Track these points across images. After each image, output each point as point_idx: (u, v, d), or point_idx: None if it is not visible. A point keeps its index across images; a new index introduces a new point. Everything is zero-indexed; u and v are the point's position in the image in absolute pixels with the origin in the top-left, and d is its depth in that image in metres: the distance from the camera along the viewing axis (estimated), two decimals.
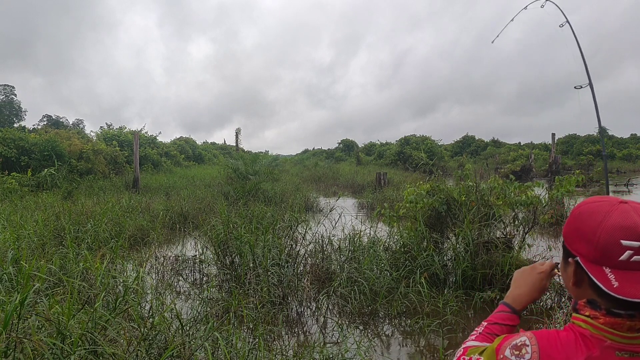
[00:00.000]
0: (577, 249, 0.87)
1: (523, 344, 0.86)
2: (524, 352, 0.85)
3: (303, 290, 4.61)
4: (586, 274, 0.85)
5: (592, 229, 0.83)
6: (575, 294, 0.92)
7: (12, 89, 44.39)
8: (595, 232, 0.82)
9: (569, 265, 0.91)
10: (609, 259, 0.80)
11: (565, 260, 0.93)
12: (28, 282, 2.81)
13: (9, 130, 16.88)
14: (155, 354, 2.83)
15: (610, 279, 0.80)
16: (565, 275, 0.94)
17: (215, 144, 48.93)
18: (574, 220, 0.90)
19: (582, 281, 0.88)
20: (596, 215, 0.84)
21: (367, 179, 18.40)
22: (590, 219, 0.85)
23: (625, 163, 32.53)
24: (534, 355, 0.83)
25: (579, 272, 0.88)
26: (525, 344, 0.86)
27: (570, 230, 0.90)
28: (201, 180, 17.12)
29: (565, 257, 0.93)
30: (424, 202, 5.73)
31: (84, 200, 9.86)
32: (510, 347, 0.88)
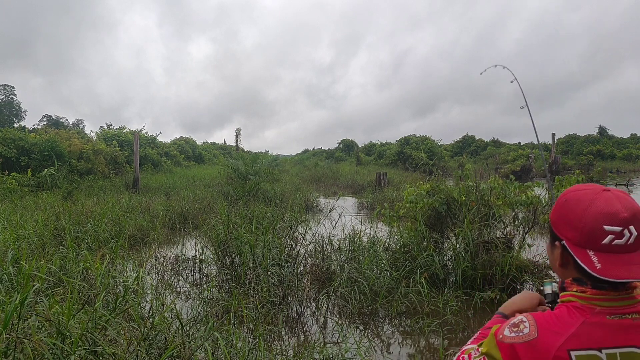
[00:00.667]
0: (563, 233, 0.94)
1: (520, 322, 0.92)
2: (522, 327, 0.90)
3: (303, 290, 4.61)
4: (571, 257, 0.92)
5: (577, 216, 0.90)
6: (561, 273, 1.00)
7: (12, 89, 44.42)
8: (581, 218, 0.89)
9: (556, 249, 0.98)
10: (593, 242, 0.88)
11: (552, 244, 1.01)
12: (28, 282, 2.81)
13: (9, 130, 16.88)
14: (155, 354, 2.83)
15: (593, 261, 0.87)
16: (552, 257, 1.03)
17: (215, 144, 48.94)
18: (560, 207, 0.96)
19: (568, 263, 0.96)
20: (581, 203, 0.91)
21: (367, 179, 18.40)
22: (576, 206, 0.92)
23: (625, 163, 32.51)
24: (532, 328, 0.89)
25: (565, 254, 0.95)
26: (522, 320, 0.92)
27: (557, 216, 0.97)
28: (201, 180, 17.12)
29: (552, 240, 1.01)
30: (424, 202, 5.72)
31: (84, 200, 9.86)
32: (509, 326, 0.93)
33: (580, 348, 0.85)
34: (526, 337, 0.88)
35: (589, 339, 0.86)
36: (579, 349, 0.85)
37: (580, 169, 12.60)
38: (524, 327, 0.90)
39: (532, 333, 0.88)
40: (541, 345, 0.86)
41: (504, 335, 0.92)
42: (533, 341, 0.87)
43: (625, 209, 0.87)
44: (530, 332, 0.88)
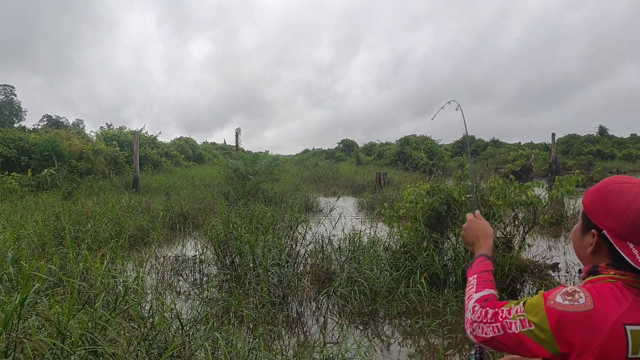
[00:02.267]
0: (603, 223, 0.96)
1: (574, 291, 0.91)
2: (578, 297, 0.90)
3: (303, 290, 4.61)
4: (606, 245, 0.96)
5: (622, 208, 0.92)
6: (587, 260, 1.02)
7: (12, 89, 44.45)
8: (626, 211, 0.92)
9: (588, 236, 1.00)
10: (634, 236, 0.91)
11: (584, 230, 1.03)
12: (28, 282, 2.81)
13: (9, 130, 16.89)
14: (155, 354, 2.83)
15: (634, 254, 0.90)
16: (581, 243, 1.04)
17: (215, 144, 48.94)
18: (603, 196, 0.97)
19: (601, 251, 0.98)
20: (627, 196, 0.93)
21: (367, 179, 18.39)
22: (621, 199, 0.93)
23: (626, 163, 32.52)
24: (587, 300, 0.88)
25: (600, 243, 0.97)
26: (577, 290, 0.91)
27: (597, 205, 0.98)
28: (201, 180, 17.12)
29: (585, 227, 1.02)
30: (424, 202, 5.72)
31: (84, 200, 9.86)
32: (562, 294, 0.92)
33: (635, 323, 0.86)
34: (582, 307, 0.88)
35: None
36: (635, 324, 0.86)
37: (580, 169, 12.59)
38: (579, 297, 0.89)
39: (589, 304, 0.88)
40: (598, 316, 0.86)
41: (555, 302, 0.91)
42: (589, 312, 0.87)
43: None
44: (586, 303, 0.88)
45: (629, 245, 0.91)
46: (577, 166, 25.10)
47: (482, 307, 1.08)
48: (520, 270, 4.67)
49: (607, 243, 0.95)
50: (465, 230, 1.39)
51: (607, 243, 0.95)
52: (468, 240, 1.40)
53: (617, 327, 0.86)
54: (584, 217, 1.03)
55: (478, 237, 1.35)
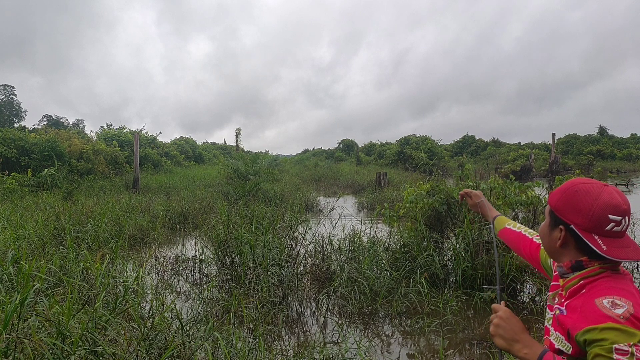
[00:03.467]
0: (571, 219, 1.08)
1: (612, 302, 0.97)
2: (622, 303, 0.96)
3: (303, 290, 4.61)
4: (574, 239, 1.09)
5: (588, 205, 1.05)
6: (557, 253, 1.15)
7: (12, 89, 44.44)
8: (591, 207, 1.04)
9: (556, 231, 1.13)
10: (599, 228, 1.03)
11: (552, 226, 1.15)
12: (28, 282, 2.81)
13: (9, 130, 16.89)
14: (156, 354, 2.83)
15: (600, 244, 1.03)
16: (550, 239, 1.16)
17: (215, 144, 48.98)
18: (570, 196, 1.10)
19: (569, 244, 1.11)
20: (591, 194, 1.06)
21: (367, 179, 18.40)
22: (586, 197, 1.06)
23: (626, 163, 32.50)
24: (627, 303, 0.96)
25: (567, 237, 1.10)
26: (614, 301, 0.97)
27: (565, 204, 1.10)
28: (201, 180, 17.12)
29: (553, 224, 1.15)
30: (424, 202, 5.72)
31: (84, 201, 9.86)
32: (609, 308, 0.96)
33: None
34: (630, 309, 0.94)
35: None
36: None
37: (580, 169, 12.60)
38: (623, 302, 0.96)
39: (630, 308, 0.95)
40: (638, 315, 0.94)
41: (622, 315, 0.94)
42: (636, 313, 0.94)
43: (624, 202, 1.05)
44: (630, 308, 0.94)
45: (594, 237, 1.03)
46: (577, 166, 25.10)
47: None
48: (520, 270, 4.67)
49: (574, 237, 1.08)
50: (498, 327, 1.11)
51: (574, 237, 1.08)
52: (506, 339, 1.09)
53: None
54: (552, 214, 1.15)
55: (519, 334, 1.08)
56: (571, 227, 1.08)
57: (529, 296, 4.73)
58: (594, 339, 0.93)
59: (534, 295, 4.68)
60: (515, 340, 1.07)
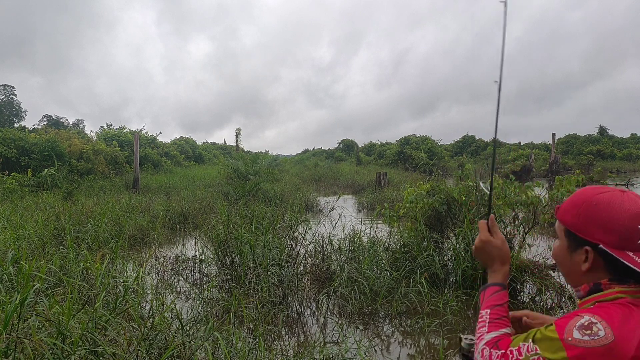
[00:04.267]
0: (598, 238, 0.91)
1: (591, 323, 0.84)
2: (597, 330, 0.83)
3: (303, 290, 4.61)
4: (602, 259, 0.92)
5: (613, 218, 0.89)
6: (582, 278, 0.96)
7: (12, 89, 44.46)
8: (618, 220, 0.89)
9: (579, 254, 0.95)
10: (631, 243, 0.87)
11: (572, 249, 0.97)
12: (28, 282, 2.81)
13: (9, 130, 16.89)
14: (156, 354, 2.83)
15: (637, 261, 0.86)
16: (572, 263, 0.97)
17: (215, 144, 49.01)
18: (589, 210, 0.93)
19: (597, 266, 0.93)
20: (615, 206, 0.90)
21: (367, 179, 18.39)
22: (611, 209, 0.90)
23: (626, 163, 32.52)
24: (607, 331, 0.82)
25: (596, 258, 0.92)
26: (593, 321, 0.84)
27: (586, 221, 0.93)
28: (201, 180, 17.12)
29: (574, 245, 0.96)
30: (424, 202, 5.72)
31: (84, 201, 9.86)
32: (578, 328, 0.84)
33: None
34: (603, 340, 0.81)
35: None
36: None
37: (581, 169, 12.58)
38: (599, 330, 0.82)
39: (609, 336, 0.81)
40: (619, 348, 0.80)
41: (573, 338, 0.83)
42: (611, 345, 0.80)
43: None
44: (606, 335, 0.81)
45: (629, 254, 0.87)
46: (577, 166, 25.11)
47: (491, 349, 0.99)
48: (520, 270, 4.67)
49: (602, 257, 0.91)
50: (477, 249, 1.22)
51: (602, 257, 0.91)
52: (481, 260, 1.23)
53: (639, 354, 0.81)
54: (570, 235, 0.97)
55: (494, 260, 1.19)
56: (600, 246, 0.90)
57: (529, 296, 4.72)
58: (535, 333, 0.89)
59: (534, 295, 4.68)
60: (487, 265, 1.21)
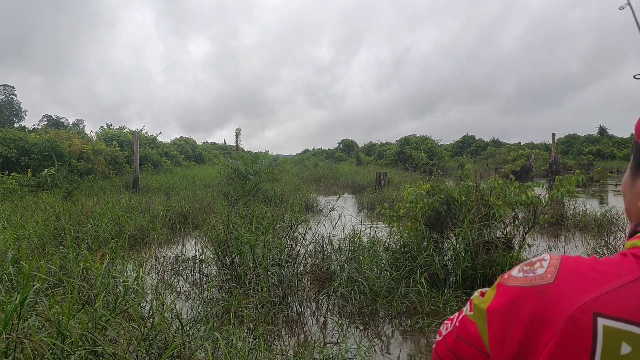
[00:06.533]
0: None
1: (540, 260, 0.62)
2: (537, 267, 0.60)
3: (303, 290, 4.61)
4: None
5: None
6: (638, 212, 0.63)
7: (12, 89, 44.48)
8: None
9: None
10: None
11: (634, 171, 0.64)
12: (28, 282, 2.81)
13: (9, 130, 16.89)
14: (156, 354, 2.83)
15: None
16: (631, 193, 0.64)
17: (215, 144, 49.03)
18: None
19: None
20: None
21: (367, 179, 18.39)
22: None
23: (626, 163, 32.30)
24: (549, 270, 0.58)
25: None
26: (544, 259, 0.61)
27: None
28: (201, 180, 17.12)
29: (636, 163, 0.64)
30: (424, 202, 5.72)
31: (84, 201, 9.86)
32: (520, 265, 0.63)
33: (617, 316, 0.51)
34: (537, 280, 0.58)
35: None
36: (615, 318, 0.51)
37: (581, 169, 12.58)
38: (539, 267, 0.59)
39: (547, 277, 0.57)
40: (555, 295, 0.55)
41: (509, 277, 0.62)
42: (544, 287, 0.56)
43: None
44: (544, 275, 0.58)
45: None
46: (577, 166, 25.12)
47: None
48: None
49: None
50: None
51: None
52: None
53: (582, 317, 0.52)
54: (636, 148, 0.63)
55: None
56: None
57: None
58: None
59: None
60: None
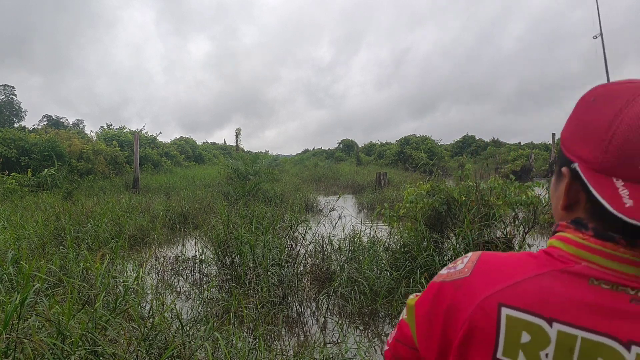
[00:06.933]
0: (578, 153, 0.58)
1: (463, 257, 0.66)
2: (459, 263, 0.65)
3: (303, 290, 4.61)
4: (584, 191, 0.57)
5: (606, 122, 0.54)
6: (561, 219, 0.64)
7: (12, 89, 44.50)
8: (611, 125, 0.54)
9: (562, 180, 0.61)
10: (626, 166, 0.52)
11: (558, 175, 0.64)
12: (28, 282, 2.81)
13: (9, 130, 16.89)
14: (156, 354, 2.83)
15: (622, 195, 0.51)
16: (555, 198, 0.65)
17: (215, 144, 49.04)
18: (582, 110, 0.59)
19: (577, 203, 0.60)
20: (616, 103, 0.55)
21: (367, 179, 18.39)
22: (606, 108, 0.55)
23: None
24: (468, 265, 0.63)
25: (574, 187, 0.59)
26: (466, 256, 0.66)
27: (572, 128, 0.60)
28: (201, 180, 17.12)
29: (558, 169, 0.63)
30: (424, 202, 5.72)
31: (84, 201, 9.86)
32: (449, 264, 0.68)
33: (518, 307, 0.55)
34: (456, 274, 0.63)
35: (540, 300, 0.54)
36: (516, 308, 0.55)
37: None
38: (460, 263, 0.64)
39: (465, 271, 0.62)
40: (468, 287, 0.60)
41: (439, 274, 0.67)
42: (460, 281, 0.61)
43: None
44: (463, 269, 0.63)
45: (615, 182, 0.52)
46: None
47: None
48: None
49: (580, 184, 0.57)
50: None
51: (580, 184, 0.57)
52: None
53: (487, 306, 0.56)
54: (559, 152, 0.64)
55: None
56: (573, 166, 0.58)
57: None
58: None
59: None
60: None
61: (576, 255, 0.56)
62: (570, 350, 0.52)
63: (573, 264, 0.56)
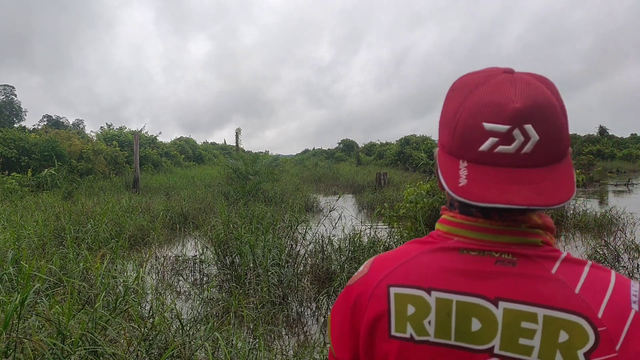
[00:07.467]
0: (440, 138, 0.64)
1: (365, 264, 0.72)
2: (361, 268, 0.71)
3: (303, 290, 4.61)
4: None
5: (454, 110, 0.60)
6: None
7: (12, 89, 44.51)
8: (456, 113, 0.59)
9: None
10: (468, 148, 0.57)
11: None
12: (28, 282, 2.81)
13: (9, 130, 16.91)
14: (156, 354, 2.83)
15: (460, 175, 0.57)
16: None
17: (215, 144, 49.05)
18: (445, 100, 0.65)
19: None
20: (463, 90, 0.60)
21: (367, 179, 18.40)
22: (457, 96, 0.61)
23: (626, 163, 32.52)
24: (366, 265, 0.70)
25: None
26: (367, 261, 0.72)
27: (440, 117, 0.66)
28: (201, 180, 17.13)
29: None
30: (424, 202, 5.73)
31: (84, 201, 9.86)
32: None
33: (402, 284, 0.61)
34: (357, 276, 0.69)
35: (419, 273, 0.61)
36: (400, 285, 0.61)
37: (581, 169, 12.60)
38: (362, 268, 0.71)
39: (364, 270, 0.69)
40: (366, 281, 0.66)
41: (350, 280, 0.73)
42: (360, 279, 0.67)
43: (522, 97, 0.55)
44: (362, 270, 0.69)
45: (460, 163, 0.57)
46: (577, 166, 25.11)
47: None
48: None
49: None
50: None
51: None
52: None
53: (379, 290, 0.63)
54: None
55: None
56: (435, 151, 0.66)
57: None
58: None
59: None
60: None
61: (450, 232, 0.63)
62: (448, 315, 0.58)
63: (447, 240, 0.63)
